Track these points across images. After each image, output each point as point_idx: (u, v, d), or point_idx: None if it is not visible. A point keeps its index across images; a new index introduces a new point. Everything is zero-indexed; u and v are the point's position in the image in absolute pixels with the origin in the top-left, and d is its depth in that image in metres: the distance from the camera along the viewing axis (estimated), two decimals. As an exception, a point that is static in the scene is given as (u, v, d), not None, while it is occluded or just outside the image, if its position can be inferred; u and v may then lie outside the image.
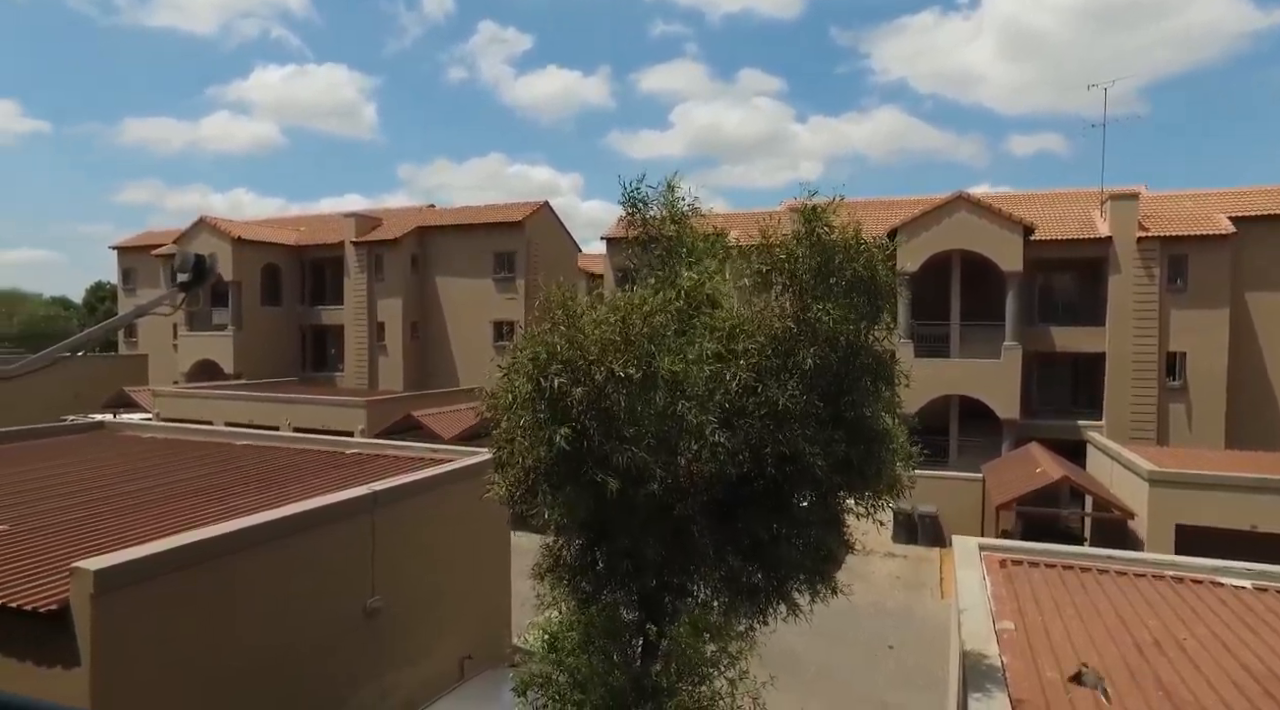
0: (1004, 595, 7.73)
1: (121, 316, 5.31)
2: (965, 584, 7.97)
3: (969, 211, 25.93)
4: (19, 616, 6.35)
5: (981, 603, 7.40)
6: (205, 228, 35.77)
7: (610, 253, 31.89)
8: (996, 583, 8.08)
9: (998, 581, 8.13)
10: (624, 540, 5.96)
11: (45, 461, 12.57)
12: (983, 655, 6.16)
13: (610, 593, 6.49)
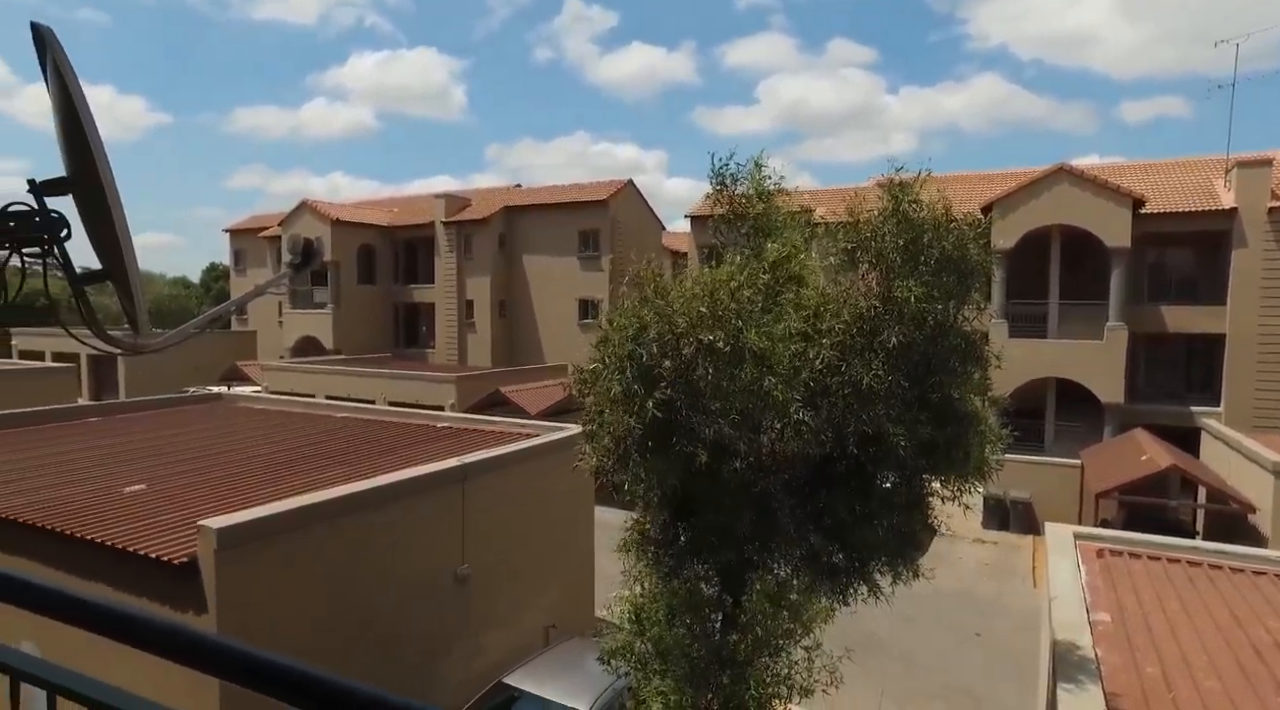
0: (1100, 586, 7.45)
1: (244, 296, 5.73)
2: (1057, 572, 7.71)
3: (1071, 184, 24.52)
4: (158, 567, 6.99)
5: (1075, 592, 7.16)
6: (307, 211, 37.52)
7: (695, 230, 31.74)
8: (1092, 573, 7.78)
9: (1094, 572, 7.83)
10: (708, 515, 6.06)
11: (172, 428, 13.63)
12: (1075, 646, 5.99)
13: (692, 567, 6.61)
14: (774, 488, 6.07)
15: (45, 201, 1.72)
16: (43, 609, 1.33)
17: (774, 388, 5.50)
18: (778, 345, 5.63)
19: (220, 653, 1.17)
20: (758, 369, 5.55)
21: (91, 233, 1.78)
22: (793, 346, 5.82)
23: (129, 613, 1.29)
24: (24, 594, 1.34)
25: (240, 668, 1.13)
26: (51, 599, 1.35)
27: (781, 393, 5.53)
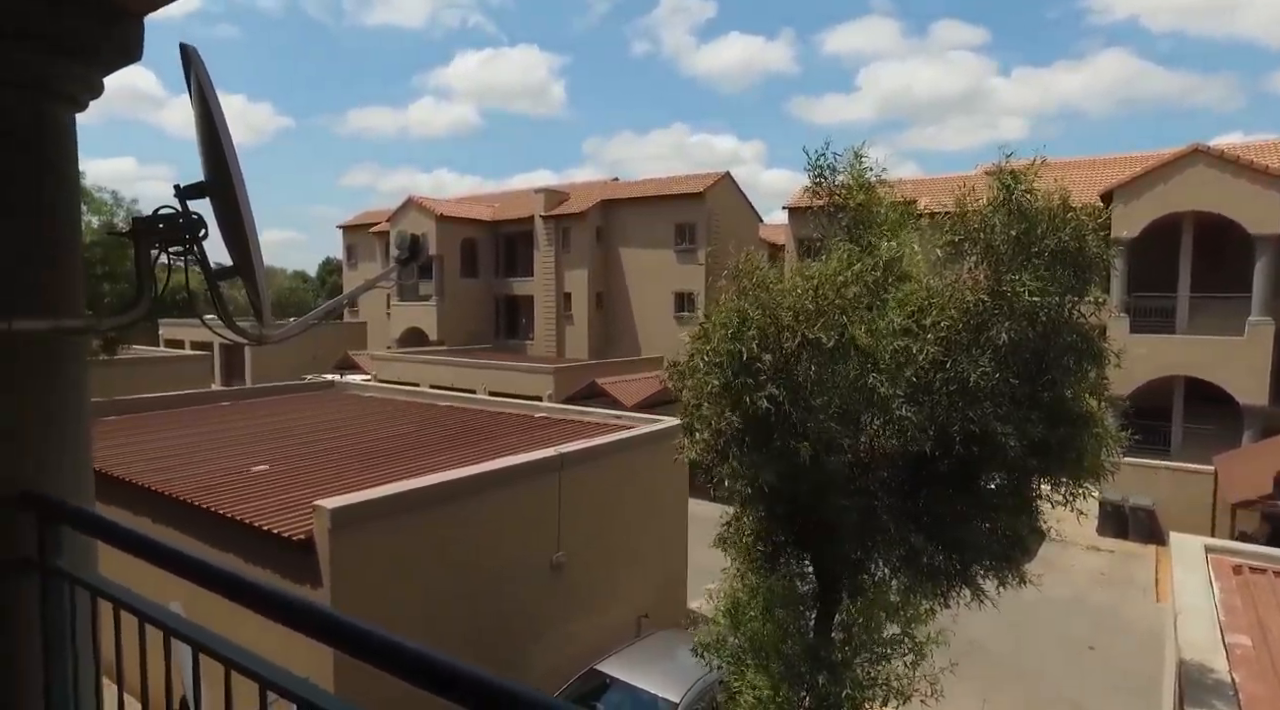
0: (1237, 606, 6.86)
1: (356, 289, 6.11)
2: (1185, 587, 7.17)
3: (1208, 166, 22.57)
4: (280, 542, 7.50)
5: (1206, 610, 6.64)
6: (413, 207, 39.09)
7: (793, 222, 31.19)
8: (1227, 590, 7.19)
9: (1229, 589, 7.23)
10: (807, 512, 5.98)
11: (291, 413, 14.55)
12: (1206, 668, 5.55)
13: (788, 564, 6.54)
14: (874, 485, 5.93)
15: (187, 205, 1.88)
16: (188, 575, 1.47)
17: (878, 384, 5.37)
18: (881, 341, 5.49)
19: (332, 624, 1.26)
20: (861, 365, 5.43)
21: (225, 232, 1.93)
22: (896, 343, 5.65)
23: (257, 584, 1.40)
24: (174, 561, 1.48)
25: (349, 639, 1.22)
26: (195, 567, 1.48)
27: (885, 389, 5.39)
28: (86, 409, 2.11)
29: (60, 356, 1.93)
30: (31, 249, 1.83)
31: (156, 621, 1.58)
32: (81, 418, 2.08)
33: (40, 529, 1.82)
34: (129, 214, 38.30)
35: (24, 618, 1.82)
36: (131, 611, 1.64)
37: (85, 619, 1.83)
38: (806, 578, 6.57)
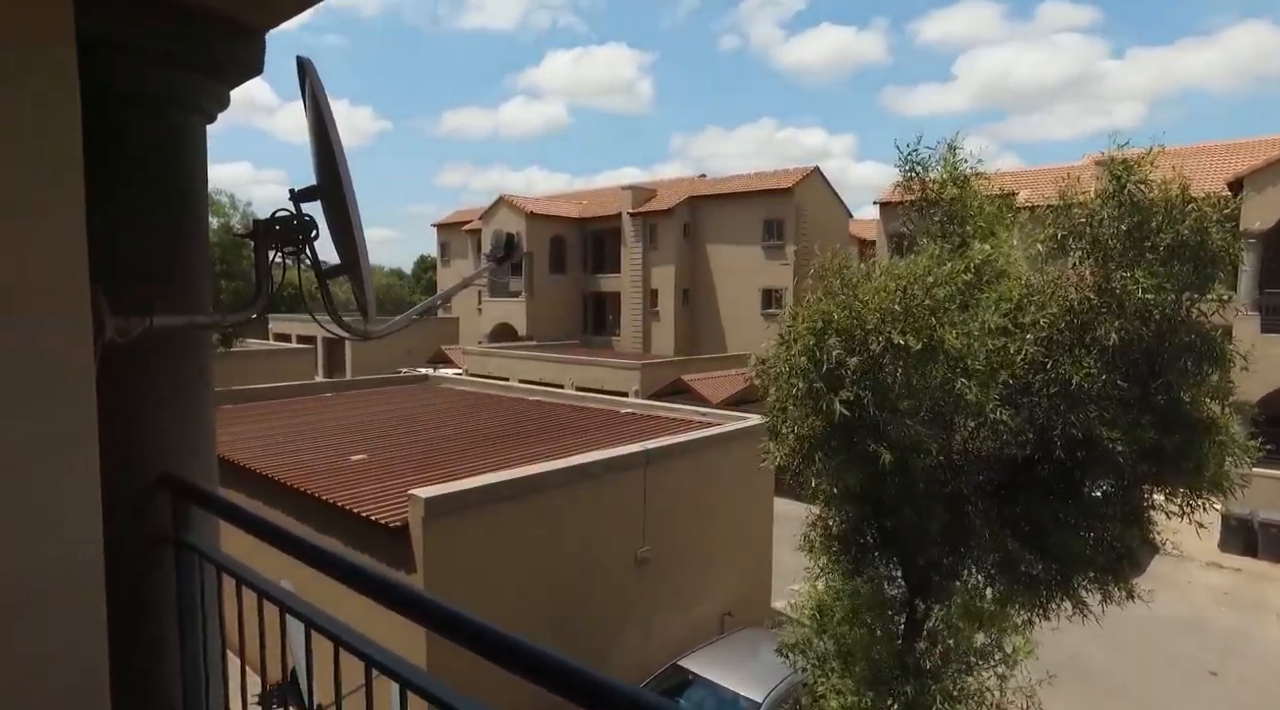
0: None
1: (453, 287, 6.34)
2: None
3: (1353, 153, 20.67)
4: (377, 528, 7.86)
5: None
6: (504, 205, 40.05)
7: (884, 218, 30.34)
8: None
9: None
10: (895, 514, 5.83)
11: (388, 404, 15.19)
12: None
13: (876, 567, 6.40)
14: (966, 488, 5.73)
15: (300, 207, 2.01)
16: (303, 557, 1.57)
17: (968, 388, 5.18)
18: (974, 342, 5.29)
19: (427, 607, 1.33)
20: (951, 368, 5.24)
21: (334, 233, 2.05)
22: (991, 343, 5.43)
23: (361, 567, 1.49)
24: (291, 543, 1.60)
25: (442, 621, 1.28)
26: (309, 550, 1.58)
27: (977, 394, 5.19)
28: (212, 398, 2.28)
29: (192, 350, 2.10)
30: (170, 251, 2.00)
31: (274, 598, 1.70)
32: (208, 406, 2.25)
33: (175, 508, 1.98)
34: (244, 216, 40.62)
35: (162, 589, 1.99)
36: (252, 588, 1.77)
37: (212, 593, 1.99)
38: (895, 581, 6.41)
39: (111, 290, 1.64)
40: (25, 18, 1.30)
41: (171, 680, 2.05)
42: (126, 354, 1.76)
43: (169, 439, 2.07)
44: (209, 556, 1.97)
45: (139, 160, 1.95)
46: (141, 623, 1.99)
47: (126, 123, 1.90)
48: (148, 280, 1.93)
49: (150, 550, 1.98)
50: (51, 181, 1.35)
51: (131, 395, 1.91)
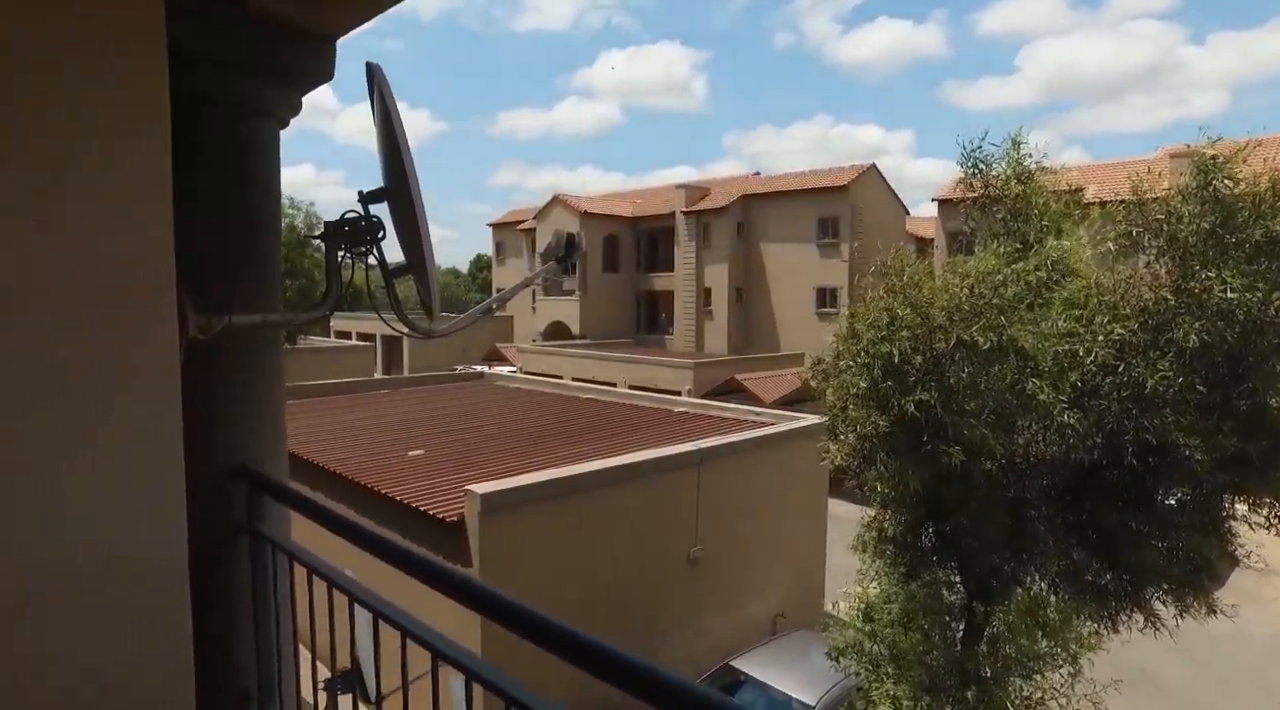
0: None
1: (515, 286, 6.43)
2: None
3: None
4: (433, 522, 8.03)
5: None
6: (558, 204, 40.40)
7: (942, 215, 29.64)
8: None
9: None
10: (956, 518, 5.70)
11: (444, 401, 15.48)
12: None
13: (933, 571, 6.26)
14: (1029, 493, 5.56)
15: (369, 209, 2.06)
16: (369, 547, 1.62)
17: (1038, 389, 5.01)
18: (1043, 343, 5.12)
19: (485, 596, 1.36)
20: (1020, 368, 5.09)
21: (400, 233, 2.10)
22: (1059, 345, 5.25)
23: (424, 557, 1.53)
24: (358, 534, 1.64)
25: (498, 609, 1.31)
26: (374, 541, 1.63)
27: (1047, 394, 5.02)
28: (283, 393, 2.36)
29: (264, 347, 2.18)
30: (245, 251, 2.08)
31: (343, 588, 1.75)
32: (280, 401, 2.33)
33: (250, 500, 2.06)
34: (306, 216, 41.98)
35: (237, 577, 2.07)
36: (323, 577, 1.83)
37: (284, 581, 2.06)
38: (953, 587, 6.26)
39: (193, 289, 1.71)
40: (120, 28, 1.36)
41: (246, 665, 2.13)
42: (205, 350, 1.83)
43: (244, 432, 2.15)
44: (281, 546, 2.04)
45: (218, 164, 2.03)
46: (218, 608, 2.07)
47: (206, 128, 1.98)
48: (226, 280, 2.01)
49: (227, 539, 2.06)
50: (143, 186, 1.41)
51: (210, 390, 1.99)
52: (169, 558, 1.50)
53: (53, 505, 1.34)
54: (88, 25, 1.33)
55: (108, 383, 1.39)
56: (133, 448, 1.43)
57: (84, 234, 1.35)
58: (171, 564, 1.51)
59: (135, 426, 1.43)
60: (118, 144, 1.38)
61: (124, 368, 1.41)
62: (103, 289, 1.38)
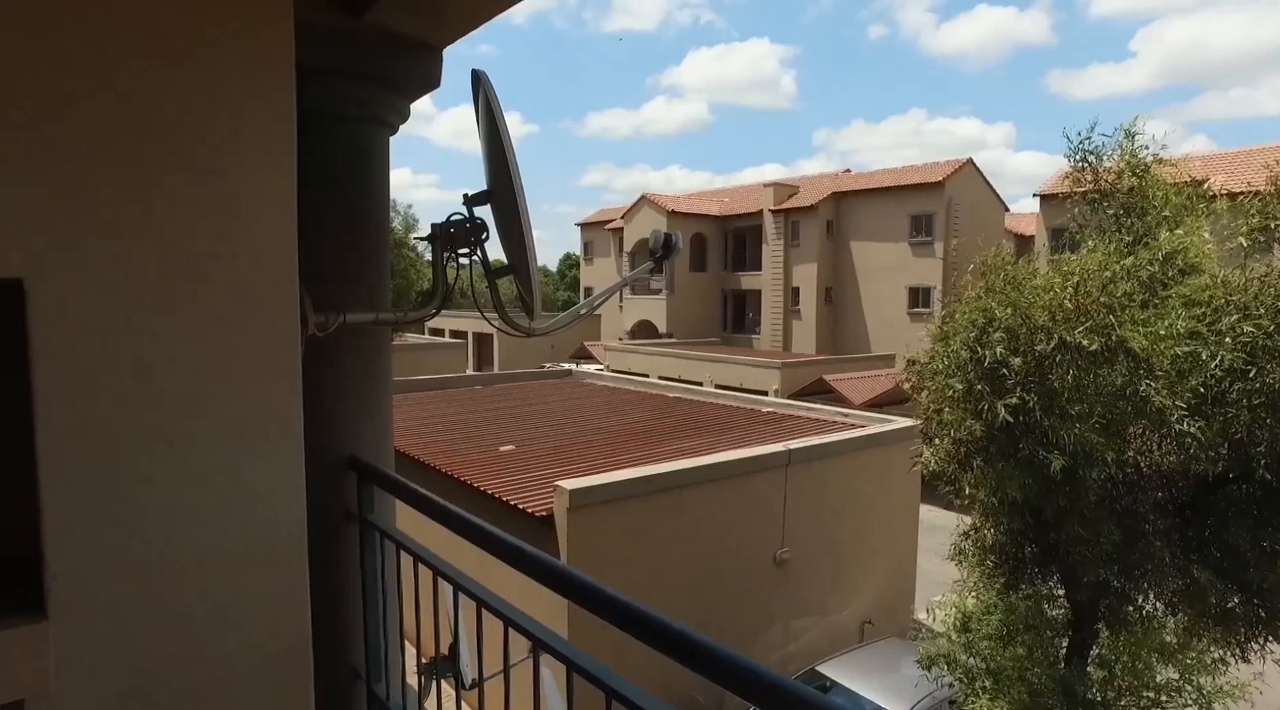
0: None
1: (616, 284, 6.51)
2: None
3: None
4: (523, 516, 8.22)
5: None
6: (646, 204, 40.60)
7: (1044, 211, 28.24)
8: None
9: None
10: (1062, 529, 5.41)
11: (533, 398, 15.82)
12: None
13: (1035, 584, 5.97)
14: (1143, 506, 5.23)
15: (473, 211, 2.13)
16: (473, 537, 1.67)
17: (1153, 393, 4.71)
18: (1160, 344, 4.81)
19: (573, 582, 1.39)
20: (1132, 371, 4.79)
21: (502, 234, 2.16)
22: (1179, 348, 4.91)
23: (516, 543, 1.58)
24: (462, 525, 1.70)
25: (587, 595, 1.33)
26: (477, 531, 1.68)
27: (1163, 399, 4.71)
28: (390, 388, 2.47)
29: (375, 344, 2.29)
30: (359, 253, 2.19)
31: (448, 577, 1.82)
32: (387, 395, 2.44)
33: (359, 488, 2.17)
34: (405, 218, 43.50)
35: (348, 562, 2.18)
36: (428, 566, 1.91)
37: (391, 568, 2.16)
38: (1056, 601, 5.94)
39: (312, 289, 1.82)
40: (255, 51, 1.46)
41: (355, 646, 2.25)
42: (321, 347, 1.94)
43: (355, 425, 2.26)
44: (389, 534, 2.13)
45: (334, 171, 2.14)
46: (330, 591, 2.18)
47: (324, 137, 2.09)
48: (341, 280, 2.12)
49: (339, 526, 2.18)
50: (272, 195, 1.51)
51: (325, 384, 2.11)
52: (291, 541, 1.60)
53: (190, 491, 1.45)
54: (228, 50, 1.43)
55: (239, 378, 1.50)
56: (260, 439, 1.53)
57: (219, 240, 1.46)
58: (293, 547, 1.61)
59: (263, 419, 1.53)
60: (250, 156, 1.48)
61: (253, 364, 1.52)
62: (234, 290, 1.48)
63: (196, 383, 1.45)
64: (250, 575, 1.54)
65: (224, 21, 1.42)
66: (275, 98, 1.49)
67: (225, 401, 1.48)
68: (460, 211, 2.13)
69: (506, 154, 1.94)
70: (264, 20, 1.46)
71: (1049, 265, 5.53)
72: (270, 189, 1.50)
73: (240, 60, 1.44)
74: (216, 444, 1.48)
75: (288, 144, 1.51)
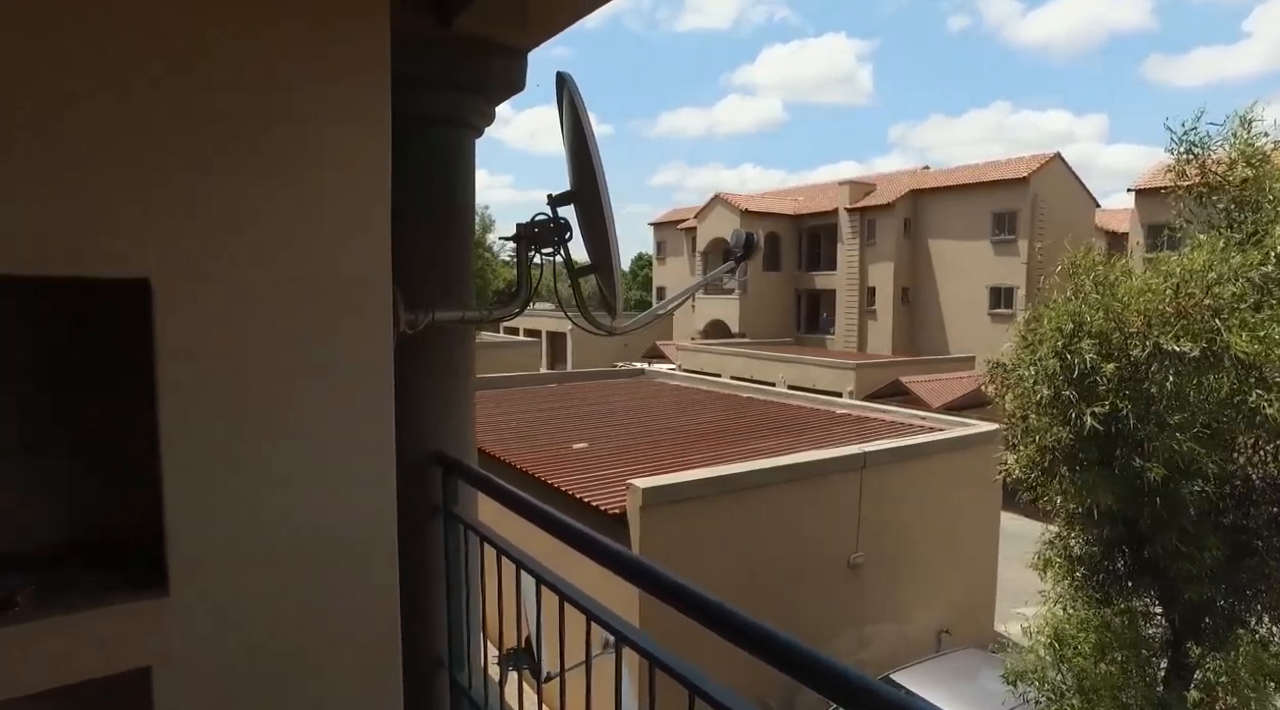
0: None
1: (693, 285, 6.64)
2: None
3: None
4: (597, 513, 8.30)
5: None
6: (719, 203, 40.40)
7: (1140, 207, 26.84)
8: None
9: None
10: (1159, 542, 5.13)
11: (606, 396, 15.96)
12: None
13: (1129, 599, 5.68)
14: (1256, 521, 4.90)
15: (557, 210, 2.17)
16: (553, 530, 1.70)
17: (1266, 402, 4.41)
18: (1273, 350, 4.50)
19: (647, 572, 1.40)
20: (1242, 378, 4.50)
21: (586, 234, 2.19)
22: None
23: (590, 533, 1.60)
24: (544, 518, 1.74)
25: (658, 584, 1.34)
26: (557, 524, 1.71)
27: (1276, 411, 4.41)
28: (473, 384, 2.54)
29: (460, 341, 2.35)
30: (446, 253, 2.26)
31: (530, 570, 1.85)
32: (470, 391, 2.50)
33: (444, 481, 2.23)
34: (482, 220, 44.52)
35: (434, 554, 2.25)
36: (510, 559, 1.95)
37: (474, 559, 2.21)
38: (1153, 619, 5.62)
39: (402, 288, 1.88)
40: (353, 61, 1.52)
41: (438, 635, 2.32)
42: (410, 344, 2.00)
43: (440, 420, 2.33)
44: (472, 527, 2.19)
45: (423, 173, 2.21)
46: (417, 581, 2.25)
47: (414, 141, 2.16)
48: (429, 279, 2.18)
49: (425, 518, 2.25)
50: (368, 197, 1.57)
51: (414, 380, 2.18)
52: (382, 533, 1.66)
53: (291, 484, 1.53)
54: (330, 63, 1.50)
55: (335, 375, 1.56)
56: (355, 434, 1.60)
57: (319, 241, 1.53)
58: (384, 538, 1.67)
59: (357, 415, 1.60)
60: (348, 162, 1.54)
61: (348, 361, 1.58)
62: (332, 290, 1.55)
63: (297, 379, 1.52)
64: (344, 565, 1.61)
65: (326, 35, 1.49)
66: (372, 105, 1.55)
67: (323, 398, 1.55)
68: (544, 211, 2.17)
69: (591, 154, 1.97)
70: (363, 32, 1.52)
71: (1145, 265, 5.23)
72: (366, 192, 1.57)
73: (341, 71, 1.51)
74: (315, 439, 1.55)
75: (383, 149, 1.57)
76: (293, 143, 1.48)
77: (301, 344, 1.52)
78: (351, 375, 1.59)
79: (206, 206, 1.38)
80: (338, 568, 1.60)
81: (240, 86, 1.41)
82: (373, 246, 1.60)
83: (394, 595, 1.69)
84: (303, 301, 1.51)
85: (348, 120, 1.54)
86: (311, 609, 1.57)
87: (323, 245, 1.53)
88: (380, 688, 1.68)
